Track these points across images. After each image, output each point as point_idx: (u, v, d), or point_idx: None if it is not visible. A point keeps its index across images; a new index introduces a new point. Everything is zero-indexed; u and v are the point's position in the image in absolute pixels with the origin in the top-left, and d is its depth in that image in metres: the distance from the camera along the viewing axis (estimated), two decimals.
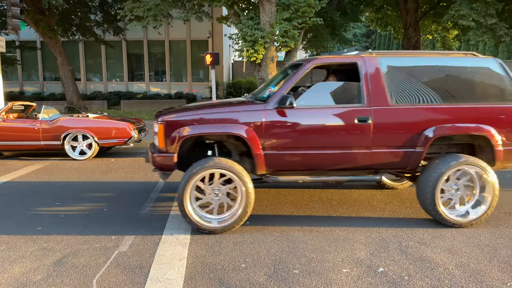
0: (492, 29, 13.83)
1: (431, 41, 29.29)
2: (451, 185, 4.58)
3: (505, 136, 4.54)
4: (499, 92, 4.58)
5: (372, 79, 4.49)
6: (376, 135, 4.44)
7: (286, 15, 11.33)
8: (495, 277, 3.35)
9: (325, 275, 3.40)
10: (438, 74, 4.59)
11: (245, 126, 4.37)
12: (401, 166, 4.59)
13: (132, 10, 12.33)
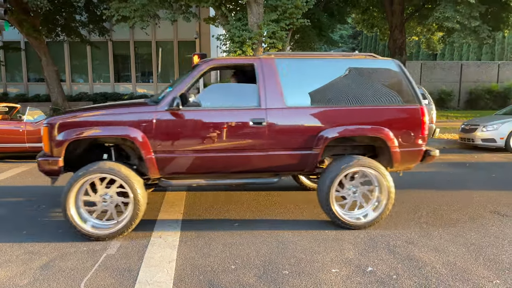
0: (476, 31, 14.09)
1: (417, 42, 29.67)
2: (350, 187, 4.56)
3: (402, 138, 4.54)
4: (397, 94, 4.58)
5: (268, 81, 4.43)
6: (272, 137, 4.37)
7: (273, 16, 11.36)
8: (481, 275, 3.40)
9: (315, 275, 3.41)
10: (337, 76, 4.57)
11: (135, 128, 4.22)
12: (298, 168, 4.54)
13: (118, 11, 12.22)
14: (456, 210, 5.21)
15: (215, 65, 4.61)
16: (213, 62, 4.58)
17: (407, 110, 4.56)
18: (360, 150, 4.92)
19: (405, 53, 17.29)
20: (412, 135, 4.55)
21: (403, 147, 4.55)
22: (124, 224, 4.22)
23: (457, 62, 23.81)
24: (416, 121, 4.56)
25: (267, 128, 4.36)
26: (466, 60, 29.55)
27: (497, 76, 22.66)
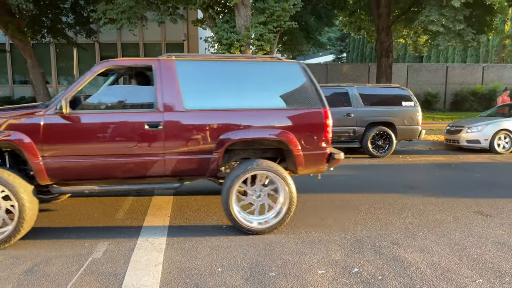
0: (460, 34, 14.31)
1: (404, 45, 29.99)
2: (254, 192, 4.46)
3: (305, 141, 4.48)
4: (301, 96, 4.55)
5: (166, 83, 4.31)
6: (169, 141, 4.25)
7: (261, 18, 11.39)
8: (464, 275, 3.45)
9: (301, 277, 3.43)
10: (240, 79, 4.51)
11: (20, 132, 4.04)
12: (199, 173, 4.44)
13: (105, 13, 12.13)
14: (440, 211, 5.28)
15: (111, 66, 4.43)
16: (109, 63, 4.40)
17: (310, 113, 4.52)
18: (270, 153, 4.81)
19: (391, 56, 17.47)
20: (315, 138, 4.49)
21: (306, 150, 4.49)
22: (5, 235, 4.02)
23: (442, 64, 24.13)
24: (319, 124, 4.51)
25: (164, 132, 4.23)
26: (451, 62, 29.99)
27: (482, 78, 23.04)
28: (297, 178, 6.88)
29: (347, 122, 9.68)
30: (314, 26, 19.28)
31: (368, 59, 37.42)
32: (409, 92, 10.06)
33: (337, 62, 46.13)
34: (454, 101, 22.41)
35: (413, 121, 9.88)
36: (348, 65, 24.52)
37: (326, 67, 24.00)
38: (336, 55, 49.69)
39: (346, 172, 7.88)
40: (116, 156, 4.21)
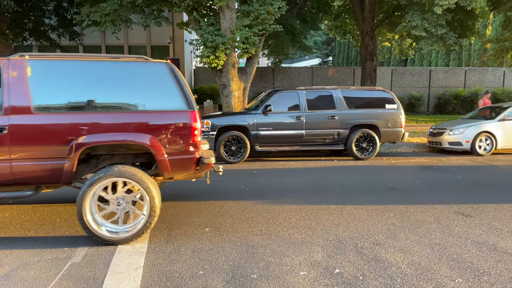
0: (442, 38, 14.55)
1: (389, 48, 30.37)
2: (117, 199, 4.25)
3: (170, 145, 4.29)
4: (166, 98, 4.34)
5: (14, 84, 4.04)
6: (16, 146, 3.99)
7: (246, 21, 11.42)
8: (444, 274, 3.49)
9: (283, 279, 3.42)
10: (99, 79, 4.26)
11: None
12: (53, 180, 4.16)
13: (89, 15, 12.01)
14: (422, 212, 5.34)
15: None
16: None
17: (175, 116, 4.31)
18: (143, 158, 4.60)
19: (375, 59, 17.65)
20: (181, 142, 4.31)
21: (172, 155, 4.30)
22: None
23: (426, 68, 24.50)
24: (185, 127, 4.32)
25: (9, 136, 3.96)
26: (435, 66, 30.46)
27: (464, 82, 23.46)
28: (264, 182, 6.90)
29: (332, 125, 9.75)
30: (300, 30, 19.39)
31: (353, 62, 37.78)
32: (393, 95, 10.18)
33: (323, 65, 46.46)
34: (438, 104, 22.76)
35: (397, 124, 9.99)
36: (334, 69, 24.71)
37: (311, 71, 24.14)
38: (322, 58, 50.06)
39: (331, 175, 7.92)
40: None
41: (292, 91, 9.89)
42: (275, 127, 9.51)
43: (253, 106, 10.39)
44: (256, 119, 9.48)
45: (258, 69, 21.29)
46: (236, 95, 12.20)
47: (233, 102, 12.14)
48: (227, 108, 12.10)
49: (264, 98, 9.97)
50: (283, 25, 15.26)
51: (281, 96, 9.78)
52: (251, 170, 8.35)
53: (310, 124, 9.62)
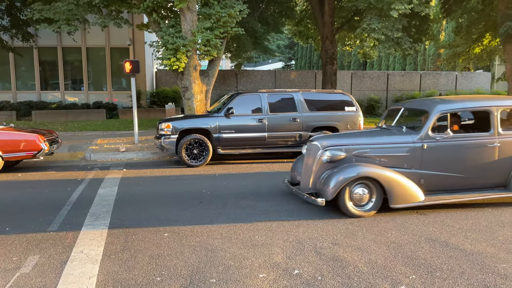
0: (398, 42, 15.06)
1: (349, 52, 31.12)
2: None
3: None
4: None
5: None
6: None
7: (207, 24, 11.33)
8: (399, 271, 3.58)
9: (242, 282, 3.39)
10: None
11: None
12: None
13: (42, 12, 11.52)
14: (378, 211, 5.45)
15: None
16: None
17: None
18: None
19: (335, 63, 18.02)
20: None
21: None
22: None
23: (384, 72, 25.29)
24: None
25: None
26: (392, 70, 31.50)
27: (420, 85, 24.39)
28: None
29: (293, 127, 9.84)
30: (262, 33, 19.50)
31: (315, 66, 38.43)
32: (351, 98, 10.41)
33: (286, 69, 46.99)
34: None
35: (355, 126, 10.22)
36: (296, 72, 25.03)
37: (274, 74, 24.34)
38: (285, 62, 50.63)
39: None
40: None
41: (254, 94, 9.91)
42: (237, 130, 9.48)
43: (215, 108, 10.32)
44: (219, 122, 9.41)
45: (221, 72, 21.22)
46: (198, 98, 12.07)
47: (195, 105, 12.00)
48: (189, 111, 11.95)
49: (227, 101, 9.92)
50: (245, 28, 15.27)
51: (243, 98, 9.77)
52: (213, 173, 8.28)
53: (272, 127, 9.67)
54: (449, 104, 5.61)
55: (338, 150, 5.33)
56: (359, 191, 5.13)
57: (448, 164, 5.42)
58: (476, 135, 5.59)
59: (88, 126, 16.23)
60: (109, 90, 21.38)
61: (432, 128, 5.42)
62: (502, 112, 5.67)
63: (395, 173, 5.21)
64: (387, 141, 5.53)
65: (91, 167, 8.98)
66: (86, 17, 12.96)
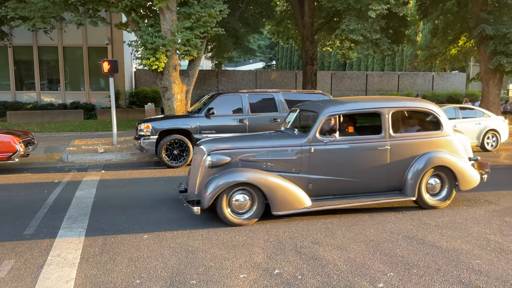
0: (377, 43, 15.30)
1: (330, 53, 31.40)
2: None
3: None
4: None
5: None
6: None
7: (187, 24, 11.25)
8: (377, 269, 3.64)
9: (223, 282, 3.39)
10: None
11: None
12: None
13: (16, 10, 11.23)
14: (358, 209, 5.54)
15: None
16: None
17: None
18: None
19: (316, 63, 18.18)
20: None
21: None
22: None
23: (363, 72, 25.65)
24: None
25: None
26: (371, 70, 31.97)
27: (398, 85, 24.84)
28: None
29: (274, 127, 9.85)
30: (242, 33, 19.51)
31: (295, 66, 38.67)
32: (331, 98, 10.52)
33: (267, 69, 47.12)
34: None
35: None
36: (277, 72, 25.15)
37: (255, 74, 24.38)
38: (266, 62, 50.76)
39: None
40: None
41: (235, 94, 9.90)
42: (218, 130, 9.45)
43: (195, 109, 10.26)
44: (199, 122, 9.37)
45: (201, 72, 21.12)
46: (178, 98, 11.97)
47: (175, 105, 11.91)
48: (169, 111, 11.84)
49: (207, 101, 9.88)
50: (225, 28, 15.24)
51: (224, 99, 9.74)
52: None
53: (253, 127, 9.67)
54: (338, 106, 5.40)
55: (222, 154, 4.99)
56: (240, 197, 4.84)
57: (338, 168, 5.20)
58: (365, 138, 5.37)
59: (65, 127, 15.91)
60: (87, 90, 21.02)
61: (322, 131, 5.19)
62: (394, 114, 5.43)
63: (278, 178, 4.95)
64: (274, 145, 5.20)
65: (69, 169, 8.81)
66: (62, 15, 12.68)
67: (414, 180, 5.35)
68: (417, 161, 5.40)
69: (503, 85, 18.00)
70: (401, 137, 5.44)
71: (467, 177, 5.56)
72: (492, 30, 14.44)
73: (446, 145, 5.60)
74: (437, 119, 5.66)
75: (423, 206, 5.50)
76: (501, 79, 16.30)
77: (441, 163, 5.43)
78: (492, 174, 8.05)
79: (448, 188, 5.58)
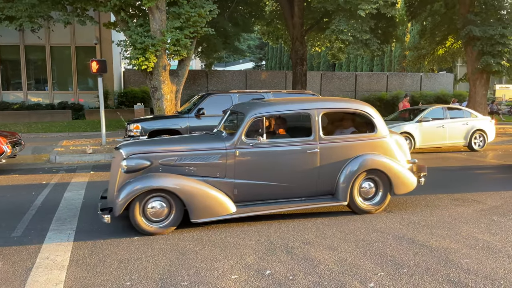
0: (367, 44, 15.41)
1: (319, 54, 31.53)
2: None
3: None
4: None
5: None
6: None
7: (177, 23, 11.20)
8: (368, 269, 3.66)
9: (214, 284, 3.38)
10: None
11: None
12: None
13: (3, 10, 11.06)
14: (348, 209, 5.56)
15: None
16: None
17: None
18: None
19: (305, 64, 18.25)
20: None
21: None
22: None
23: (352, 73, 25.82)
24: None
25: None
26: (360, 71, 32.18)
27: (386, 86, 25.04)
28: None
29: None
30: (232, 33, 19.49)
31: (285, 67, 38.77)
32: None
33: (257, 69, 47.15)
34: None
35: None
36: (267, 73, 25.18)
37: (245, 74, 24.37)
38: (256, 62, 50.81)
39: None
40: None
41: (225, 94, 9.88)
42: (208, 131, 9.42)
43: (185, 109, 10.22)
44: (189, 122, 9.33)
45: (191, 72, 21.05)
46: (168, 98, 11.91)
47: (165, 105, 11.84)
48: (159, 112, 11.78)
49: (197, 101, 9.85)
50: (215, 28, 15.22)
51: (214, 99, 9.71)
52: None
53: None
54: (265, 108, 5.15)
55: (141, 158, 4.67)
56: (156, 204, 4.54)
57: (265, 172, 4.95)
58: (294, 141, 5.14)
59: (53, 127, 15.72)
60: (75, 90, 20.80)
61: (249, 134, 4.94)
62: (325, 116, 5.25)
63: (199, 183, 4.69)
64: (197, 148, 4.90)
65: (57, 170, 8.71)
66: (50, 14, 12.53)
67: (345, 184, 5.14)
68: (349, 165, 5.19)
69: (489, 85, 18.26)
70: (332, 140, 5.24)
71: (402, 180, 5.36)
72: (479, 31, 14.66)
73: (381, 148, 5.39)
74: (370, 120, 5.45)
75: (355, 211, 5.30)
76: (488, 79, 16.55)
77: (374, 166, 5.23)
78: (480, 174, 8.18)
79: (383, 192, 5.36)
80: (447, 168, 8.94)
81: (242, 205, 4.92)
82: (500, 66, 15.01)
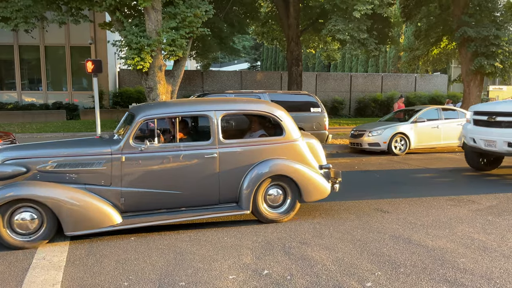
0: (364, 43, 15.47)
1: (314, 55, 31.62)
2: None
3: None
4: None
5: None
6: None
7: (172, 24, 11.19)
8: (365, 269, 3.68)
9: (212, 284, 3.38)
10: None
11: None
12: None
13: None
14: (345, 210, 5.60)
15: None
16: None
17: None
18: None
19: (301, 64, 18.27)
20: None
21: None
22: None
23: (347, 73, 25.89)
24: None
25: None
26: (355, 72, 32.30)
27: (381, 87, 25.14)
28: None
29: None
30: (227, 33, 19.49)
31: (280, 67, 38.81)
32: (317, 99, 10.60)
33: (252, 70, 47.17)
34: (358, 108, 24.12)
35: (321, 126, 10.41)
36: (262, 73, 25.18)
37: (240, 75, 24.36)
38: (251, 63, 50.81)
39: None
40: None
41: (221, 95, 9.89)
42: None
43: None
44: None
45: (187, 73, 21.01)
46: (163, 98, 11.89)
47: None
48: None
49: None
50: (211, 29, 15.20)
51: None
52: None
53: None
54: (156, 109, 4.80)
55: (16, 164, 4.31)
56: (26, 216, 4.16)
57: (156, 179, 4.59)
58: (190, 145, 4.76)
59: (48, 128, 15.63)
60: (69, 90, 20.69)
61: (138, 137, 4.68)
62: (225, 118, 4.93)
63: (76, 192, 4.33)
64: (80, 153, 4.51)
65: None
66: (44, 14, 12.46)
67: (248, 191, 4.79)
68: (252, 170, 4.85)
69: (483, 86, 18.38)
70: (234, 144, 4.87)
71: (312, 187, 5.03)
72: (473, 32, 14.76)
73: (290, 152, 5.05)
74: (278, 123, 5.10)
75: (261, 220, 4.94)
76: (482, 80, 16.66)
77: (280, 172, 4.89)
78: (474, 175, 8.24)
79: (291, 200, 5.02)
80: (441, 169, 9.00)
81: (130, 215, 4.57)
82: (493, 67, 15.13)
